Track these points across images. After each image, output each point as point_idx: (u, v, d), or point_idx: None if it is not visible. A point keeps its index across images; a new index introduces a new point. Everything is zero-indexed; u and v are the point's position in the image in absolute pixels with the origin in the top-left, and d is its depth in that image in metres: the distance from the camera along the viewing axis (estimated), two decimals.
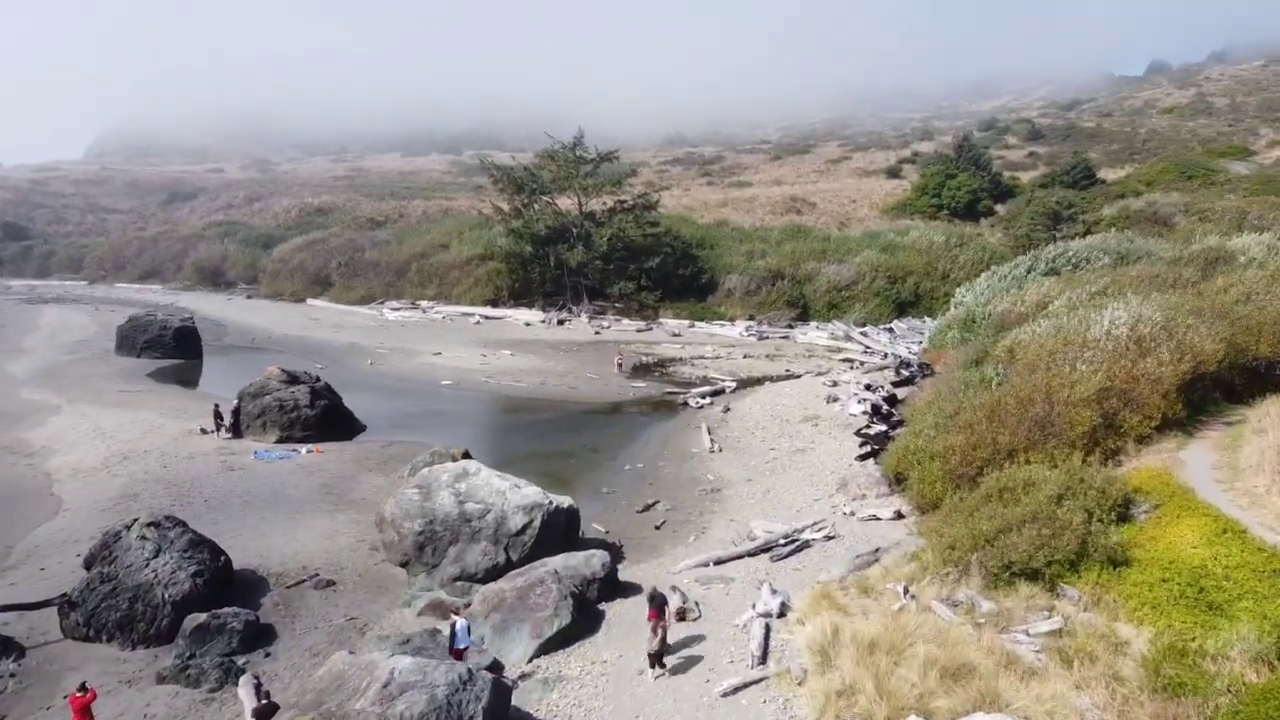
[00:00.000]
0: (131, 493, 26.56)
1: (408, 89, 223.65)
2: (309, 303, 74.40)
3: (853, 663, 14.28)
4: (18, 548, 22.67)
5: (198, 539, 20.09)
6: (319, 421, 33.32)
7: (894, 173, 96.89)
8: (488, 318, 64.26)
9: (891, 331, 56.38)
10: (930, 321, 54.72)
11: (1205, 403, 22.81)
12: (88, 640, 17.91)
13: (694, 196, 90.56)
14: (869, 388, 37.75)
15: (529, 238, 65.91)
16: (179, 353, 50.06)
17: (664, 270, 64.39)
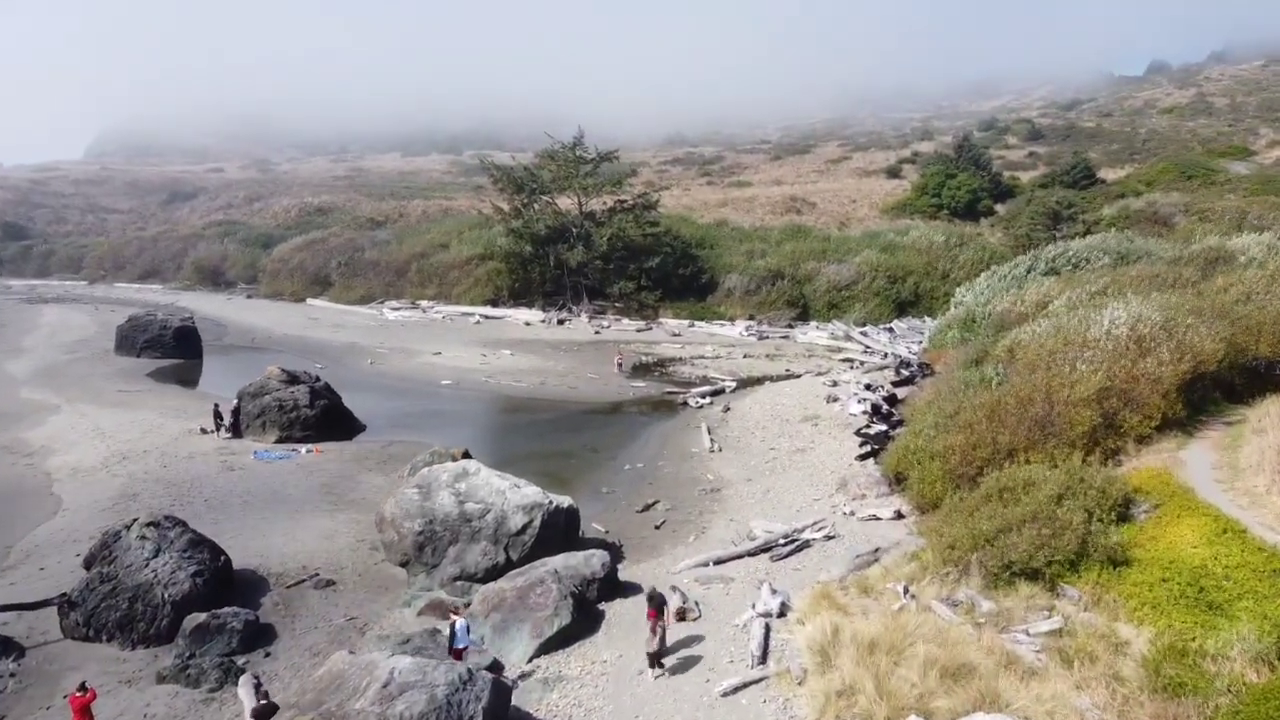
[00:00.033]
0: (131, 492, 26.58)
1: (408, 89, 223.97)
2: (309, 302, 74.36)
3: (853, 663, 14.28)
4: (17, 547, 22.69)
5: (197, 539, 20.10)
6: (319, 421, 33.35)
7: (894, 173, 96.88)
8: (488, 317, 64.24)
9: (891, 331, 56.35)
10: (930, 321, 54.69)
11: (1205, 402, 22.82)
12: (87, 640, 17.93)
13: (694, 196, 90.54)
14: (869, 387, 37.75)
15: (529, 237, 65.88)
16: (179, 352, 50.10)
17: (664, 270, 64.37)
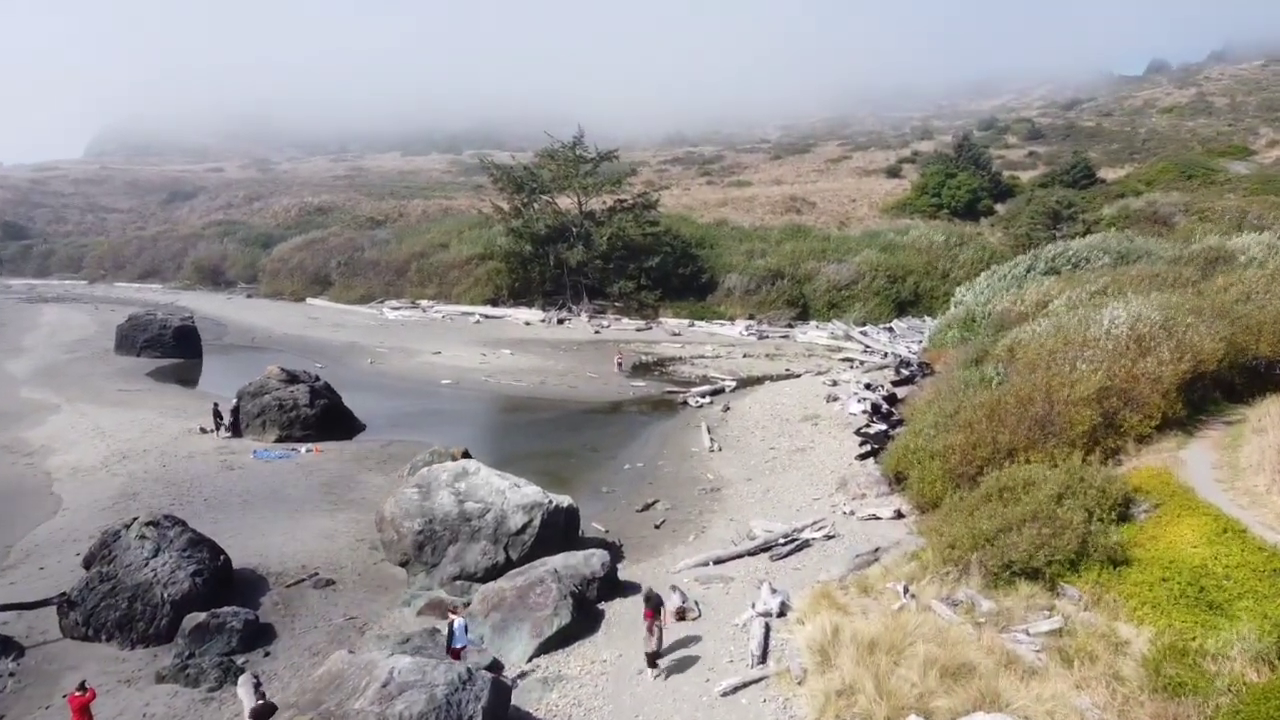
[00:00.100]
0: (131, 492, 26.57)
1: (408, 89, 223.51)
2: (309, 302, 74.34)
3: (853, 662, 14.27)
4: (17, 547, 22.68)
5: (197, 538, 20.09)
6: (318, 421, 33.34)
7: (894, 172, 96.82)
8: (487, 317, 64.22)
9: (891, 331, 56.35)
10: (930, 321, 54.67)
11: (1205, 402, 22.82)
12: (87, 639, 17.91)
13: (694, 196, 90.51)
14: (869, 387, 37.73)
15: (529, 237, 65.85)
16: (179, 352, 50.09)
17: (664, 269, 64.35)
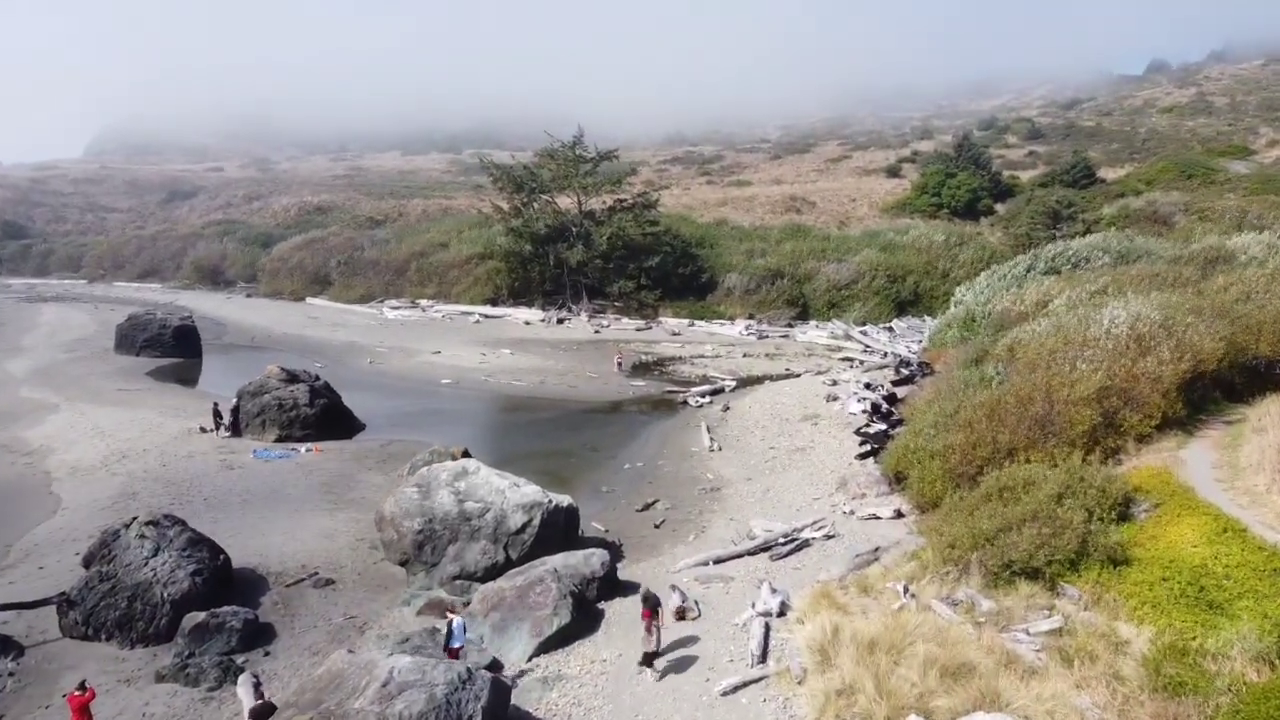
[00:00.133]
0: (130, 491, 26.56)
1: (408, 89, 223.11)
2: (308, 301, 74.34)
3: (852, 662, 14.27)
4: (16, 546, 22.67)
5: (197, 537, 20.09)
6: (318, 420, 33.33)
7: (894, 172, 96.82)
8: (487, 316, 64.21)
9: (891, 330, 56.38)
10: (930, 320, 54.68)
11: (1205, 402, 22.82)
12: (86, 639, 17.90)
13: (694, 195, 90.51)
14: (869, 386, 37.72)
15: (528, 237, 65.85)
16: (178, 351, 50.08)
17: (664, 269, 64.37)
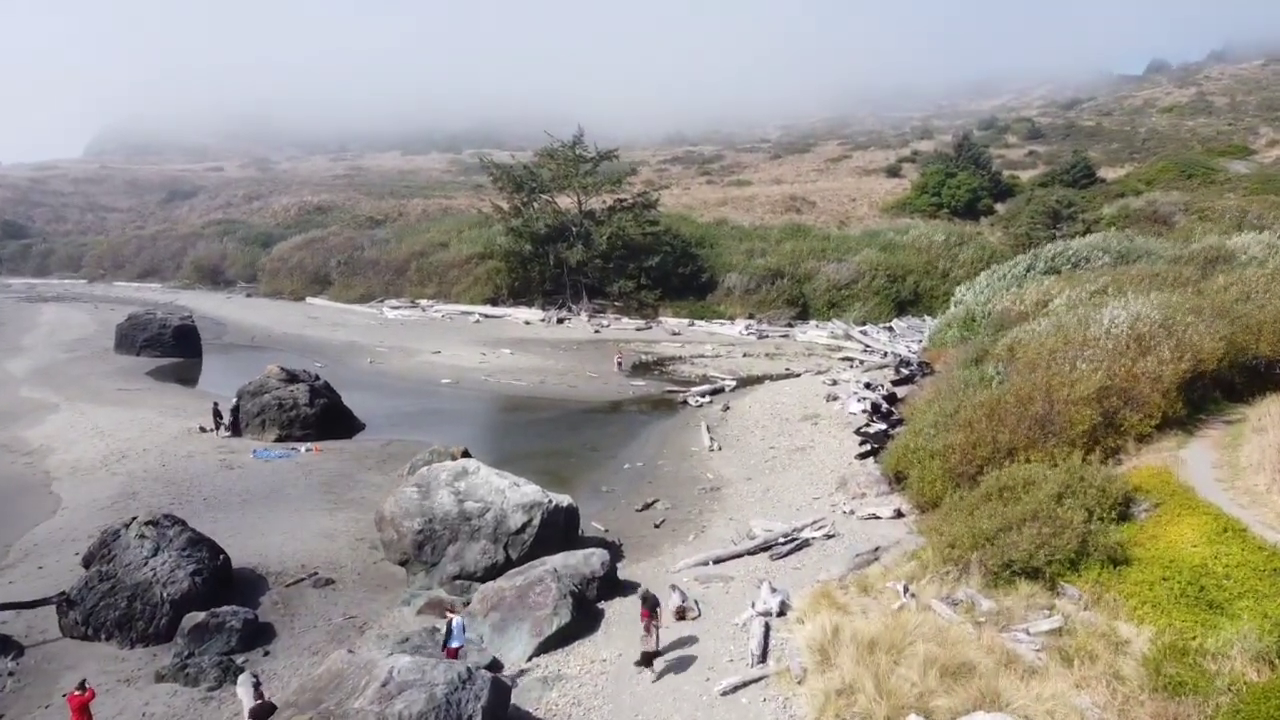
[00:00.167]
0: (130, 491, 26.55)
1: (408, 89, 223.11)
2: (308, 301, 74.34)
3: (852, 661, 14.26)
4: (16, 546, 22.67)
5: (196, 537, 20.08)
6: (318, 420, 33.33)
7: (894, 171, 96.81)
8: (487, 316, 64.23)
9: (891, 330, 56.39)
10: (930, 320, 54.67)
11: (1205, 401, 22.81)
12: (86, 639, 17.90)
13: (694, 195, 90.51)
14: (869, 386, 37.70)
15: (528, 236, 65.86)
16: (178, 351, 50.09)
17: (664, 269, 64.39)
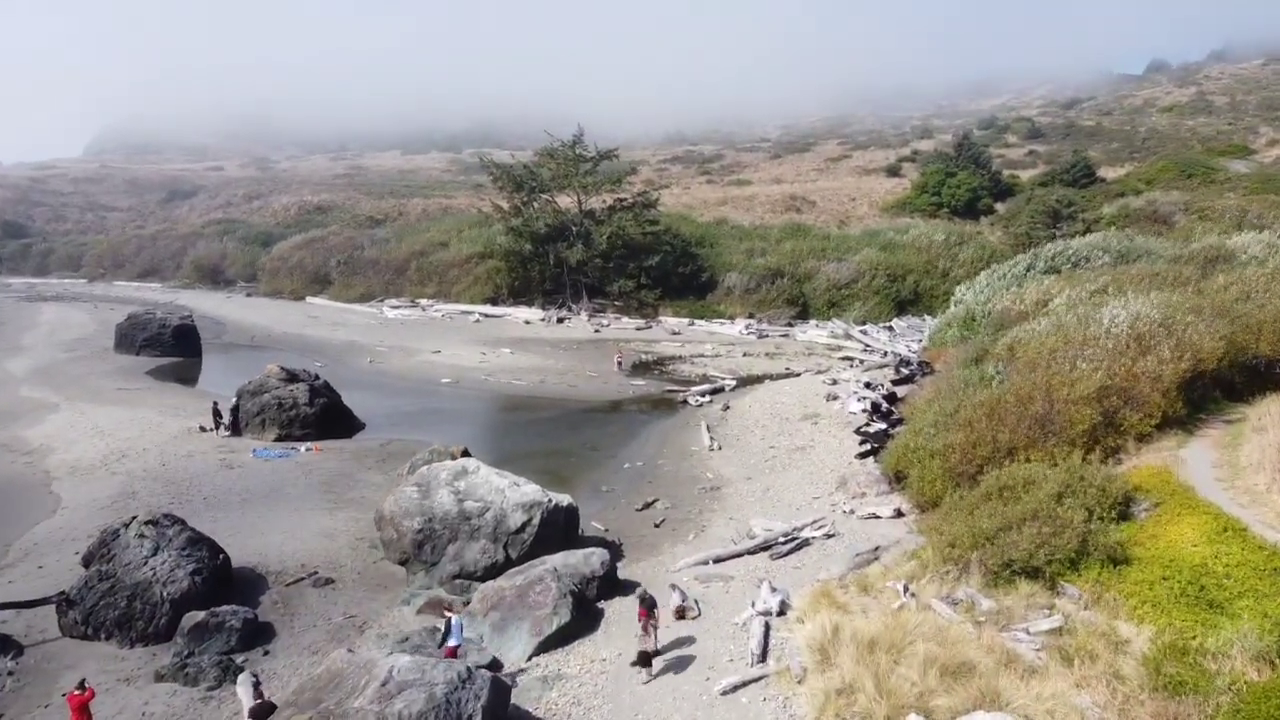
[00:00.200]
0: (130, 490, 26.55)
1: (408, 88, 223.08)
2: (308, 301, 74.30)
3: (852, 661, 14.26)
4: (16, 545, 22.67)
5: (196, 537, 20.08)
6: (318, 419, 33.33)
7: (894, 171, 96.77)
8: (487, 316, 64.21)
9: (891, 330, 56.37)
10: (930, 320, 54.67)
11: (1205, 401, 22.81)
12: (86, 638, 17.90)
13: (694, 195, 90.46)
14: (869, 386, 37.69)
15: (528, 236, 65.85)
16: (178, 351, 50.08)
17: (664, 268, 64.38)
